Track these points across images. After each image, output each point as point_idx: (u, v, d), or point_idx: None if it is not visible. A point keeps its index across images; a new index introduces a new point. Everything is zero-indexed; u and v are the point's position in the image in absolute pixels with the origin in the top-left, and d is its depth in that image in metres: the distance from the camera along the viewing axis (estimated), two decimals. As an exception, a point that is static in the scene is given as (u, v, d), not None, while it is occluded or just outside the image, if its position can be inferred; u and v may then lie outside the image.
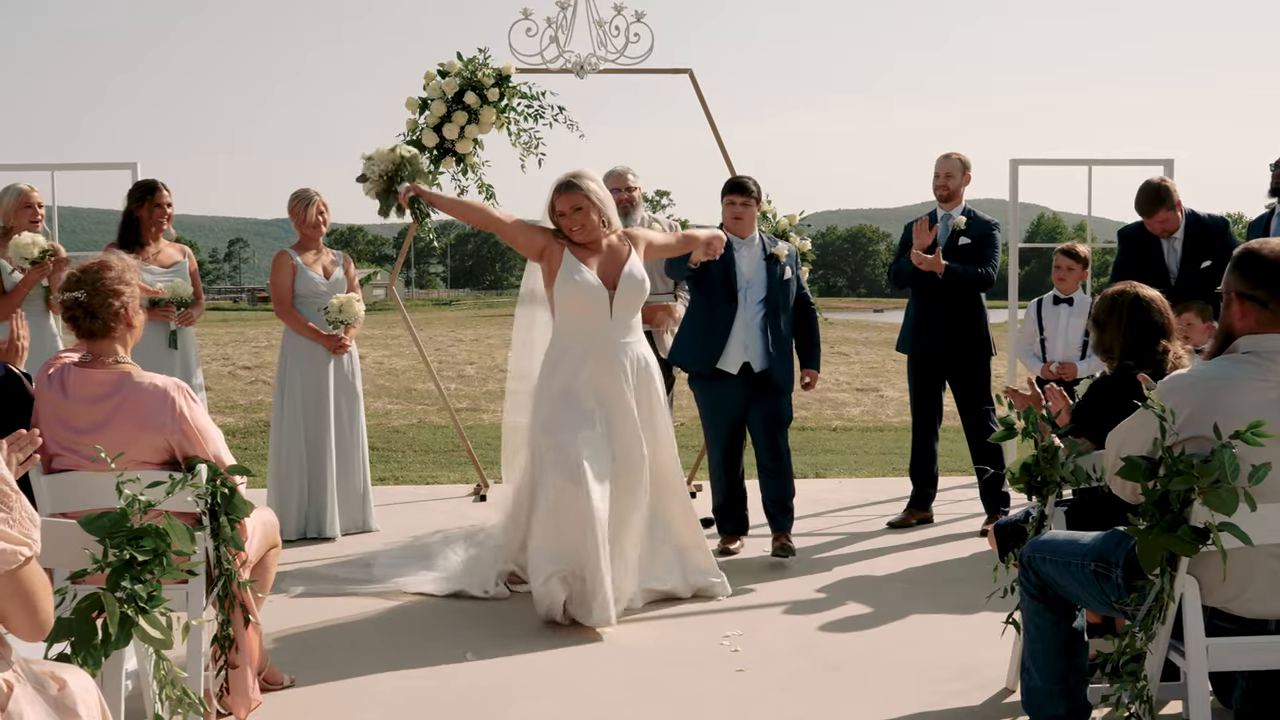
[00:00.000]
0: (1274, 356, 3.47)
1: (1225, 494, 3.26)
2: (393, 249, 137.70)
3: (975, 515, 7.75)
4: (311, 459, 7.35)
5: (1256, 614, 3.52)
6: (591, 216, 5.73)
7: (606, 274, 5.74)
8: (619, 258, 5.81)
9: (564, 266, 5.71)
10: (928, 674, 4.85)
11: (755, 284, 6.77)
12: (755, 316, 6.74)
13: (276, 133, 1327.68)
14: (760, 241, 6.90)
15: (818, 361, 7.11)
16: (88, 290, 3.99)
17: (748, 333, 6.72)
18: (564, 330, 5.82)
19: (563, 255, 5.73)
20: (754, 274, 6.78)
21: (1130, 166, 10.05)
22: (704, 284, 6.80)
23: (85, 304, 3.98)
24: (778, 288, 6.82)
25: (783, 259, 6.83)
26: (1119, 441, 3.66)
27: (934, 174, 7.69)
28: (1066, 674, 3.90)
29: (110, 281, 4.02)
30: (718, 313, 6.73)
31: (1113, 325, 4.45)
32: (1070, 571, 3.81)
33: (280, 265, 7.47)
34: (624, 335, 5.81)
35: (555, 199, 5.74)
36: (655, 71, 8.25)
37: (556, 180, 5.78)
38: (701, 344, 6.77)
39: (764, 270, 6.80)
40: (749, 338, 6.73)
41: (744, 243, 6.82)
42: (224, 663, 4.05)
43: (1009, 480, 4.43)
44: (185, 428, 3.94)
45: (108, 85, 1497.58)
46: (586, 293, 5.68)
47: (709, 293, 6.78)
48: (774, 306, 6.79)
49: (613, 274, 5.75)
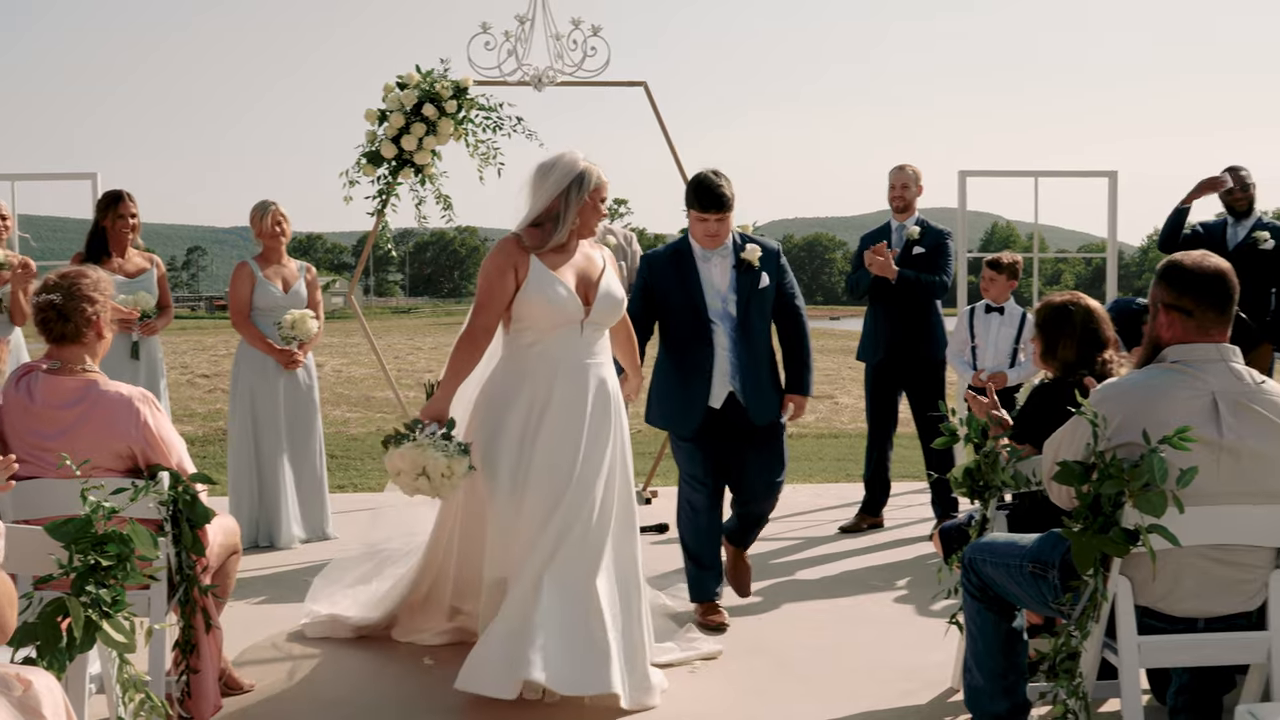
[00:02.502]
0: (1200, 365, 3.61)
1: (1154, 497, 3.40)
2: (351, 257, 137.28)
3: (925, 520, 7.90)
4: (262, 468, 7.40)
5: (1186, 612, 3.66)
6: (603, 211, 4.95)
7: (582, 284, 4.83)
8: (594, 268, 4.91)
9: (532, 276, 4.73)
10: (876, 674, 4.99)
11: (728, 300, 5.65)
12: (729, 340, 5.64)
13: (235, 141, 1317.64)
14: (732, 246, 5.73)
15: (807, 385, 5.80)
16: (63, 293, 4.07)
17: (725, 361, 5.62)
18: (520, 345, 4.87)
19: (530, 264, 4.74)
20: (726, 288, 5.66)
21: (1075, 178, 10.29)
22: (668, 323, 5.75)
23: (59, 306, 4.05)
24: (752, 299, 5.65)
25: (755, 263, 5.66)
26: (1055, 448, 3.80)
27: (890, 185, 7.87)
28: (1007, 672, 4.03)
29: (86, 288, 4.10)
30: (692, 356, 5.64)
31: (1066, 336, 4.59)
32: (1009, 573, 3.95)
33: (239, 276, 7.51)
34: (589, 355, 4.88)
35: (599, 187, 4.79)
36: (611, 84, 8.38)
37: (587, 166, 4.75)
38: (679, 401, 5.67)
39: (735, 281, 5.67)
40: (723, 365, 5.62)
41: (714, 252, 5.69)
42: (185, 667, 4.11)
43: (952, 485, 4.57)
44: (149, 437, 4.01)
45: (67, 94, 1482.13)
46: (558, 307, 4.74)
47: (675, 333, 5.72)
48: (746, 325, 5.64)
49: (588, 286, 4.84)
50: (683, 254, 5.70)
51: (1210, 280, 3.69)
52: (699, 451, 5.68)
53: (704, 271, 5.66)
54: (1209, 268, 3.71)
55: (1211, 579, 3.61)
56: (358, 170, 8.19)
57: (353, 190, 8.19)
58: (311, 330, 7.43)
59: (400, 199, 8.32)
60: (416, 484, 4.52)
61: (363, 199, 8.28)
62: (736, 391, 5.61)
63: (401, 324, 66.77)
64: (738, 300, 5.64)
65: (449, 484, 4.52)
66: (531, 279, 4.73)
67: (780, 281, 5.76)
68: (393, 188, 8.23)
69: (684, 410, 5.66)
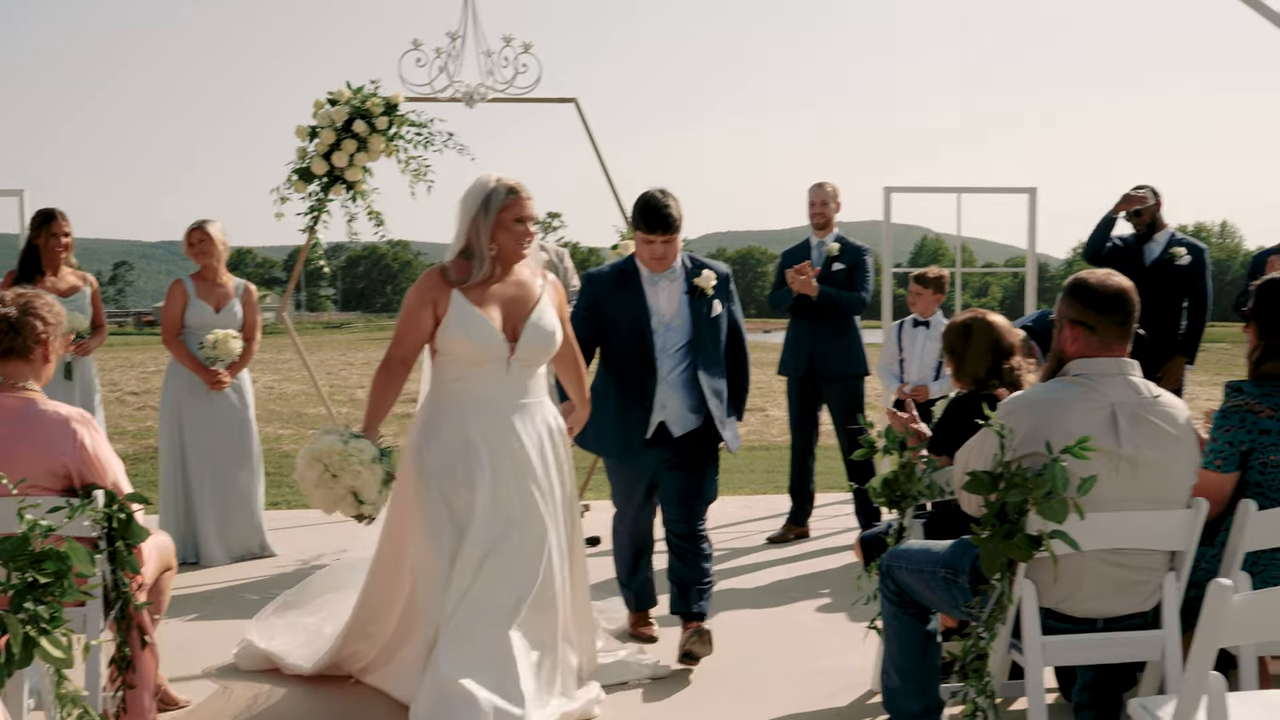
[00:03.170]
0: (1101, 379, 3.81)
1: (1056, 505, 3.59)
2: (282, 271, 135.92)
3: (850, 529, 8.09)
4: (189, 486, 7.42)
5: (1087, 613, 3.86)
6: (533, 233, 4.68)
7: (509, 319, 4.56)
8: (528, 298, 4.63)
9: (452, 312, 4.52)
10: (801, 678, 5.16)
11: (676, 327, 5.36)
12: (676, 369, 5.37)
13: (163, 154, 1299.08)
14: (682, 269, 5.45)
15: (740, 411, 5.67)
16: (19, 308, 4.12)
17: (665, 389, 5.36)
18: (444, 379, 4.66)
19: (450, 298, 4.52)
20: (674, 313, 5.37)
21: (996, 194, 10.55)
22: (610, 347, 5.46)
23: (13, 320, 4.10)
24: (704, 328, 5.38)
25: (709, 291, 5.40)
26: (965, 458, 3.97)
27: (810, 202, 8.05)
28: (921, 674, 4.20)
29: (41, 308, 4.16)
30: (634, 383, 5.36)
31: (973, 351, 4.79)
32: (923, 578, 4.12)
33: (172, 294, 7.52)
34: (520, 395, 4.64)
35: (511, 204, 4.54)
36: (542, 100, 8.47)
37: (498, 183, 4.57)
38: (618, 426, 5.40)
39: (686, 307, 5.40)
40: (666, 395, 5.37)
41: (661, 275, 5.41)
42: (121, 683, 4.16)
43: (871, 495, 4.73)
44: (85, 457, 4.06)
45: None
46: (479, 345, 4.51)
47: (616, 357, 5.44)
48: (700, 354, 5.37)
49: (516, 321, 4.57)
50: (628, 275, 5.41)
51: (1113, 298, 3.89)
52: (635, 478, 5.51)
53: (650, 295, 5.37)
54: (1112, 286, 3.91)
55: (1110, 581, 3.81)
56: (289, 187, 8.17)
57: (284, 207, 8.20)
58: (233, 351, 7.41)
59: (332, 215, 8.34)
60: (320, 483, 4.34)
61: (294, 215, 8.26)
62: (670, 421, 5.37)
63: (334, 339, 66.23)
64: (687, 328, 5.36)
65: (357, 480, 4.32)
66: (452, 315, 4.51)
67: (728, 308, 5.52)
68: (324, 204, 8.24)
69: (621, 437, 5.40)
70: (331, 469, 4.31)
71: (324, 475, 4.33)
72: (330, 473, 4.31)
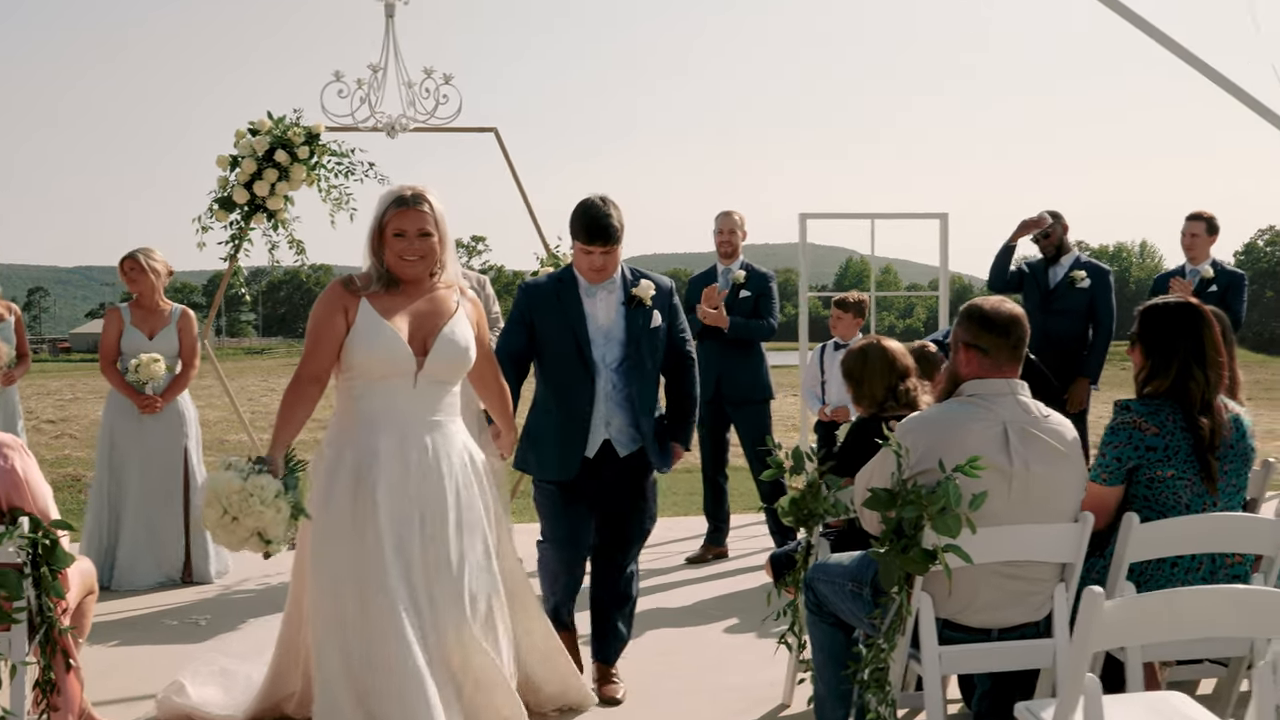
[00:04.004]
0: (993, 399, 4.01)
1: (949, 520, 3.77)
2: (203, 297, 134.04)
3: (767, 549, 8.24)
4: (118, 510, 7.45)
5: (982, 623, 4.05)
6: (434, 246, 4.39)
7: (418, 331, 4.36)
8: (441, 312, 4.43)
9: (360, 320, 4.32)
10: (715, 695, 5.31)
11: (613, 339, 5.13)
12: (617, 385, 5.14)
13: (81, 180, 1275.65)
14: (620, 280, 5.21)
15: (687, 437, 5.37)
16: None
17: (610, 406, 5.12)
18: (348, 396, 4.42)
19: (359, 307, 4.33)
20: (611, 324, 5.14)
21: (909, 220, 10.85)
22: (547, 362, 5.21)
23: None
24: (642, 340, 5.14)
25: (647, 301, 5.16)
26: (866, 477, 4.16)
27: (717, 230, 8.18)
28: (844, 681, 4.37)
29: None
30: (569, 399, 5.11)
31: (870, 375, 5.01)
32: (835, 590, 4.30)
33: (108, 321, 7.63)
34: (429, 412, 4.42)
35: (393, 215, 4.34)
36: (463, 130, 8.60)
37: (390, 193, 4.40)
38: (554, 446, 5.14)
39: (623, 318, 5.17)
40: (610, 412, 5.12)
41: (599, 285, 5.17)
42: (46, 705, 4.22)
43: (780, 514, 4.90)
44: (15, 481, 4.12)
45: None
46: (384, 356, 4.31)
47: (552, 372, 5.18)
48: (636, 367, 5.12)
49: (426, 333, 4.37)
50: (566, 285, 5.17)
51: (1005, 323, 4.10)
52: (568, 503, 5.20)
53: (588, 307, 5.12)
54: (1004, 313, 4.13)
55: (1004, 593, 4.00)
56: (210, 216, 8.22)
57: (205, 236, 8.24)
58: (156, 374, 7.50)
59: (253, 243, 8.41)
60: (221, 524, 3.97)
61: (215, 244, 8.32)
62: (615, 439, 5.13)
63: (255, 365, 65.54)
64: (625, 340, 5.12)
65: (260, 521, 3.94)
66: (360, 323, 4.31)
67: (672, 323, 5.27)
68: (245, 233, 8.31)
69: (559, 457, 5.12)
70: (231, 511, 3.95)
71: (223, 518, 3.97)
72: (230, 515, 3.96)
